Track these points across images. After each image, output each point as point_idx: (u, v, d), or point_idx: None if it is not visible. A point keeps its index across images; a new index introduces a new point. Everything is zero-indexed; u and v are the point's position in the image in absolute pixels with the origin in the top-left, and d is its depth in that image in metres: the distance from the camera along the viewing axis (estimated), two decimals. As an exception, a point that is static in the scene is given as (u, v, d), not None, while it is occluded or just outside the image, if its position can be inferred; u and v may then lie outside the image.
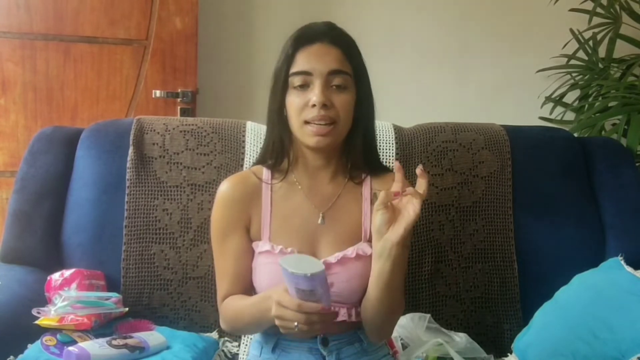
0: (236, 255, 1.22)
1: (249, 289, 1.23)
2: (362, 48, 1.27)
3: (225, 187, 1.25)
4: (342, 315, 1.18)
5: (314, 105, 1.14)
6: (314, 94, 1.14)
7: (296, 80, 1.16)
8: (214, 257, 1.26)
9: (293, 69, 1.16)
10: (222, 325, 1.26)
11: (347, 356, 1.21)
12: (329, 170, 1.25)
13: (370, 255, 1.15)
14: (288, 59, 1.17)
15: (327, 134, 1.15)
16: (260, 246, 1.21)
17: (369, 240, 1.19)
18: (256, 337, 1.27)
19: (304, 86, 1.16)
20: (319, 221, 1.21)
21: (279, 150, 1.23)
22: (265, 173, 1.26)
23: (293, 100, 1.16)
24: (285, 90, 1.18)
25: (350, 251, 1.19)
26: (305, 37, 1.18)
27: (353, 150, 1.24)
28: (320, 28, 1.19)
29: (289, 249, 1.19)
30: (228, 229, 1.22)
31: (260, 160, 1.29)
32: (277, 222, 1.22)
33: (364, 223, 1.23)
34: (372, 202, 1.19)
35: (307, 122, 1.16)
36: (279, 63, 1.19)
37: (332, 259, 1.18)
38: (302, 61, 1.16)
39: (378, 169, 1.28)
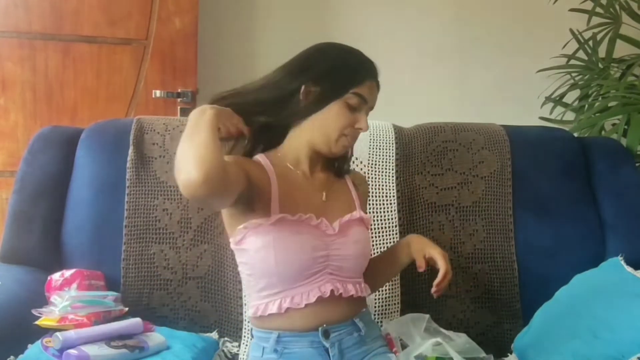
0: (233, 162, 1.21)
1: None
2: (362, 48, 1.29)
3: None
4: (352, 291, 1.26)
5: (359, 129, 1.28)
6: (364, 122, 1.27)
7: (354, 101, 1.26)
8: None
9: (358, 91, 1.25)
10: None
11: (348, 346, 1.26)
12: (320, 162, 1.34)
13: (360, 219, 1.32)
14: (355, 79, 1.26)
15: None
16: (274, 217, 1.21)
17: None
18: (255, 338, 1.28)
19: (356, 109, 1.26)
20: (323, 198, 1.31)
21: (280, 135, 1.32)
22: (262, 158, 1.30)
23: (341, 115, 1.26)
24: (334, 97, 1.25)
25: (355, 214, 1.32)
26: (373, 71, 1.29)
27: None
28: (374, 66, 1.30)
29: (304, 215, 1.23)
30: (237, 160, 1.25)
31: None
32: (283, 198, 1.24)
33: (355, 200, 1.36)
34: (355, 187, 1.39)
35: (343, 135, 1.27)
36: (338, 73, 1.26)
37: (337, 225, 1.27)
38: (366, 90, 1.27)
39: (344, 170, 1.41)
